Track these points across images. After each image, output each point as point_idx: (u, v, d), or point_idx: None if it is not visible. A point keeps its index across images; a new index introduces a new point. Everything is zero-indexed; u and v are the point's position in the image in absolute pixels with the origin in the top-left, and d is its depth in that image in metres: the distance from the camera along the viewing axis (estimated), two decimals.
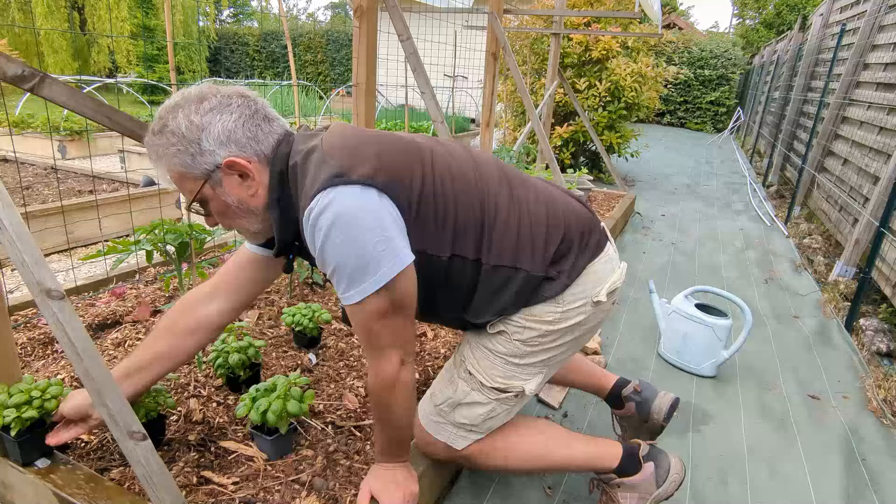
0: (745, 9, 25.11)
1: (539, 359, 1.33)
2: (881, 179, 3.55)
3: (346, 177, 1.04)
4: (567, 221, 1.28)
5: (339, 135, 1.15)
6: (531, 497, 1.65)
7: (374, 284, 1.06)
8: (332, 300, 2.53)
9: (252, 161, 1.11)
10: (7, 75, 1.27)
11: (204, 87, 1.12)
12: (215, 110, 1.08)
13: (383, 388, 1.19)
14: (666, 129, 15.13)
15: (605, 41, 6.07)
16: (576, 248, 1.27)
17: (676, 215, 5.51)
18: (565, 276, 1.25)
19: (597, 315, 1.33)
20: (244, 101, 1.11)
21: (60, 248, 3.54)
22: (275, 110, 1.18)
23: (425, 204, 1.12)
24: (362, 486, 1.34)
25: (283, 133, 1.16)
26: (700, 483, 1.78)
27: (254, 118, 1.11)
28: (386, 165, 1.09)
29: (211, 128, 1.07)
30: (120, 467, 1.43)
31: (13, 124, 7.01)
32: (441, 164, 1.18)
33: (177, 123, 1.07)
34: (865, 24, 4.69)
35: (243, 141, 1.09)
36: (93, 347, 1.19)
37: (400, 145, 1.17)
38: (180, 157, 1.08)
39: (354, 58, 2.51)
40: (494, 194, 1.23)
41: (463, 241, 1.18)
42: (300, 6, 56.42)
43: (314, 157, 1.09)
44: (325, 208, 1.02)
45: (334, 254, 1.05)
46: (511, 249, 1.21)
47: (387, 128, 8.74)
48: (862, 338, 2.92)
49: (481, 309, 1.27)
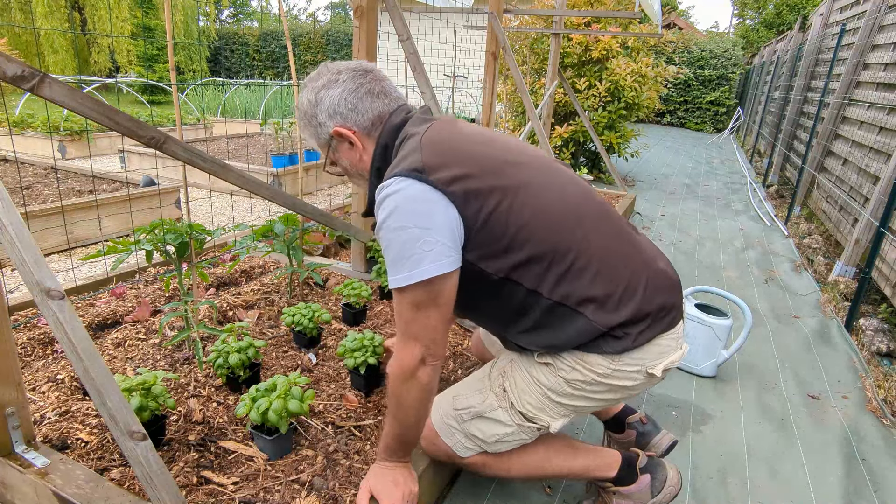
0: (745, 9, 25.10)
1: (575, 403, 1.29)
2: (881, 179, 3.55)
3: (424, 174, 1.09)
4: (652, 291, 1.22)
5: (443, 131, 1.19)
6: (531, 496, 1.65)
7: (412, 278, 1.09)
8: (331, 300, 2.53)
9: (354, 130, 1.23)
10: (7, 75, 1.27)
11: (323, 67, 1.26)
12: (325, 87, 1.22)
13: (399, 377, 1.19)
14: (666, 129, 15.13)
15: (605, 41, 6.07)
16: (650, 319, 1.21)
17: (676, 215, 5.51)
18: (630, 339, 1.19)
19: (645, 385, 1.28)
20: (353, 75, 1.23)
21: (60, 248, 3.54)
22: (392, 86, 1.27)
23: (492, 225, 1.12)
24: (362, 485, 1.34)
25: (391, 109, 1.25)
26: (700, 483, 1.77)
27: (356, 92, 1.22)
28: (467, 179, 1.11)
29: (322, 102, 1.22)
30: (120, 467, 1.43)
31: (13, 124, 7.01)
32: (529, 194, 1.16)
33: (301, 102, 1.26)
34: (865, 24, 4.69)
35: (346, 112, 1.22)
36: (93, 347, 1.19)
37: (494, 164, 1.16)
38: (309, 129, 1.27)
39: (354, 58, 2.51)
40: (581, 238, 1.18)
41: (522, 270, 1.16)
42: (300, 6, 56.41)
43: (411, 141, 1.17)
44: (393, 193, 1.10)
45: (387, 236, 1.11)
46: (580, 296, 1.17)
47: None
48: (862, 338, 2.92)
49: (527, 337, 1.26)
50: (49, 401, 1.69)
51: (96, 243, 3.72)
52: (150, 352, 2.00)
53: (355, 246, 2.81)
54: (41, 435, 1.52)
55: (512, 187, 1.15)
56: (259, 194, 2.11)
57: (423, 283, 1.09)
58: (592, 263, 1.18)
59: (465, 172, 1.11)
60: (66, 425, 1.57)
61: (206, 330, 1.86)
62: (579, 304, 1.17)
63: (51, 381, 1.78)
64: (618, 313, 1.18)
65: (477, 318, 1.37)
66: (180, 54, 16.25)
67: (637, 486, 1.44)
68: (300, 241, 2.50)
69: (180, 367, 1.91)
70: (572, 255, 1.17)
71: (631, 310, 1.18)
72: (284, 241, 2.41)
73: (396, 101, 1.27)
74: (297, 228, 2.46)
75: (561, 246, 1.16)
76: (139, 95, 11.45)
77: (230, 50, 19.89)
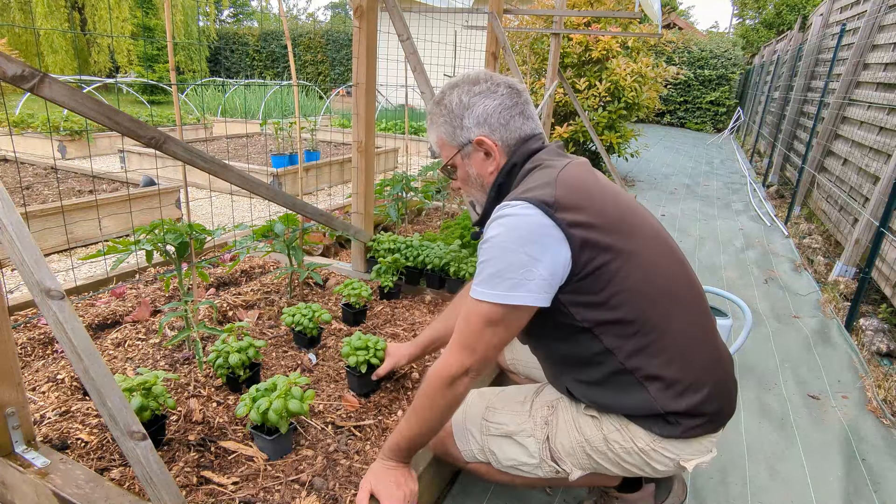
0: (745, 9, 25.10)
1: (603, 463, 1.28)
2: (881, 179, 3.55)
3: (552, 209, 1.09)
4: (716, 394, 1.22)
5: (578, 175, 1.19)
6: (531, 497, 1.65)
7: (504, 299, 1.10)
8: (331, 300, 2.53)
9: (497, 144, 1.25)
10: (7, 75, 1.27)
11: (481, 72, 1.28)
12: (482, 94, 1.24)
13: (440, 380, 1.18)
14: (666, 129, 15.13)
15: (605, 41, 6.07)
16: (705, 419, 1.21)
17: (676, 215, 5.51)
18: (679, 429, 1.19)
19: (671, 472, 1.28)
20: (509, 91, 1.25)
21: (60, 248, 3.54)
22: (535, 111, 1.29)
23: (596, 277, 1.12)
24: (362, 484, 1.33)
25: (532, 133, 1.27)
26: (700, 483, 1.77)
27: (511, 110, 1.24)
28: (589, 228, 1.10)
29: (475, 108, 1.23)
30: (120, 467, 1.43)
31: (13, 124, 7.01)
32: (639, 263, 1.16)
33: (450, 99, 1.26)
34: (865, 24, 4.68)
35: (496, 125, 1.24)
36: (92, 347, 1.19)
37: (616, 222, 1.15)
38: (446, 127, 1.27)
39: (354, 58, 2.51)
40: (671, 321, 1.18)
41: (607, 328, 1.16)
42: (300, 6, 56.42)
43: (546, 171, 1.18)
44: (516, 214, 1.10)
45: (494, 251, 1.11)
46: (650, 372, 1.17)
47: (386, 128, 8.76)
48: (862, 338, 2.92)
49: (583, 388, 1.26)
50: (49, 401, 1.69)
51: (96, 243, 3.72)
52: (150, 352, 2.00)
53: (355, 246, 2.81)
54: (41, 435, 1.52)
55: (626, 251, 1.14)
56: (259, 194, 2.11)
57: (510, 307, 1.10)
58: (672, 347, 1.18)
59: (590, 221, 1.11)
60: (66, 425, 1.57)
61: (206, 330, 1.86)
62: (647, 378, 1.17)
63: (51, 381, 1.78)
64: (678, 402, 1.18)
65: (539, 349, 1.36)
66: (180, 54, 16.25)
67: (641, 494, 1.44)
68: (300, 241, 2.50)
69: (180, 367, 1.91)
70: (657, 334, 1.17)
71: (691, 403, 1.18)
72: (284, 241, 2.41)
73: (537, 126, 1.29)
74: (297, 228, 2.46)
75: (651, 321, 1.16)
76: (139, 95, 11.45)
77: (230, 50, 19.88)
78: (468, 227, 3.06)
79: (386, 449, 1.33)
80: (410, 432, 1.27)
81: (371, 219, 2.83)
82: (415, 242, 2.72)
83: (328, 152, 6.84)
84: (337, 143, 7.71)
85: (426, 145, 8.40)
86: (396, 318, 2.41)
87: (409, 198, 3.77)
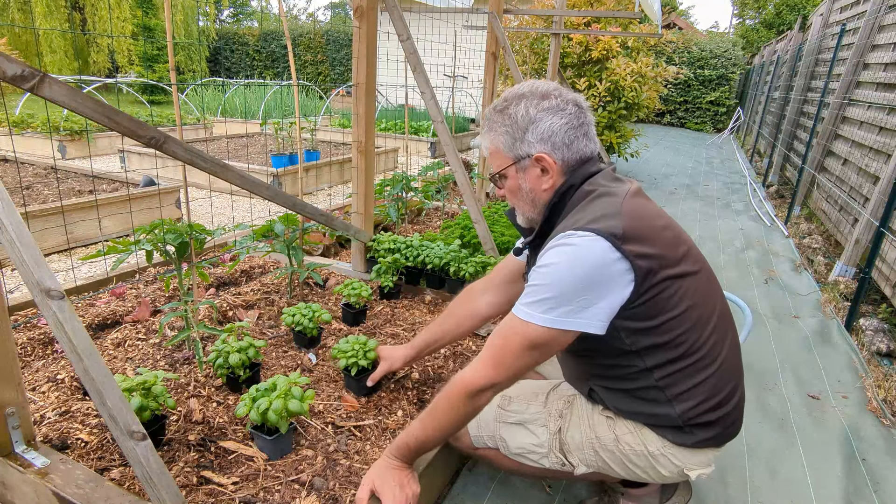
0: (745, 9, 25.09)
1: (610, 462, 1.30)
2: (881, 179, 3.55)
3: (621, 241, 1.07)
4: (733, 411, 1.26)
5: (638, 204, 1.18)
6: (532, 496, 1.65)
7: (549, 322, 1.09)
8: (331, 300, 2.53)
9: (557, 163, 1.22)
10: (7, 75, 1.27)
11: (551, 86, 1.25)
12: (550, 111, 1.21)
13: (464, 389, 1.19)
14: (666, 129, 15.13)
15: (605, 41, 6.07)
16: (715, 431, 1.24)
17: (676, 215, 5.51)
18: (691, 438, 1.23)
19: (674, 479, 1.31)
20: (577, 110, 1.23)
21: (60, 248, 3.54)
22: (594, 130, 1.27)
23: (651, 305, 1.13)
24: (364, 481, 1.32)
25: (591, 154, 1.26)
26: (700, 483, 1.77)
27: (577, 130, 1.22)
28: (653, 259, 1.11)
29: (540, 123, 1.20)
30: (120, 467, 1.43)
31: (13, 124, 7.01)
32: (694, 288, 1.18)
33: (516, 110, 1.22)
34: (865, 24, 4.69)
35: (559, 144, 1.21)
36: (92, 347, 1.19)
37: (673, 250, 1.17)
38: (505, 137, 1.24)
39: (354, 58, 2.51)
40: (713, 345, 1.21)
41: (653, 351, 1.18)
42: (300, 6, 56.41)
43: (607, 200, 1.16)
44: (583, 244, 1.08)
45: (555, 274, 1.09)
46: (681, 390, 1.20)
47: (386, 128, 8.76)
48: (862, 338, 2.92)
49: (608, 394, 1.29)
50: (49, 401, 1.69)
51: (96, 243, 3.72)
52: (150, 352, 2.00)
53: (355, 246, 2.80)
54: (41, 435, 1.52)
55: (679, 279, 1.15)
56: (259, 194, 2.11)
57: (561, 331, 1.10)
58: (711, 369, 1.20)
59: (654, 253, 1.11)
60: (66, 425, 1.57)
61: (206, 330, 1.86)
62: (677, 397, 1.20)
63: (51, 381, 1.78)
64: (700, 417, 1.21)
65: (573, 359, 1.37)
66: (180, 54, 16.24)
67: (647, 490, 1.45)
68: (300, 241, 2.50)
69: (180, 367, 1.91)
70: (702, 354, 1.18)
71: (711, 419, 1.21)
72: (284, 241, 2.41)
73: (597, 147, 1.28)
74: (297, 228, 2.46)
75: (696, 345, 1.18)
76: (139, 95, 11.44)
77: (230, 50, 19.87)
78: (468, 226, 3.05)
79: (393, 447, 1.33)
80: (423, 434, 1.28)
81: (371, 219, 2.83)
82: (415, 242, 2.72)
83: (328, 152, 6.84)
84: (337, 143, 7.71)
85: (426, 145, 8.39)
86: (396, 318, 2.41)
87: (409, 198, 3.77)
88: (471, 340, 2.27)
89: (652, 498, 1.45)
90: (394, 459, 1.33)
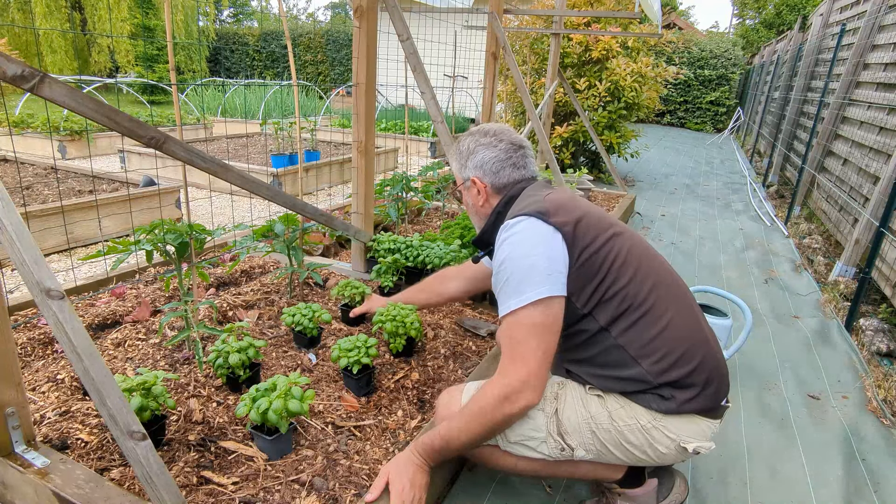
0: (745, 9, 25.10)
1: (608, 444, 1.34)
2: (881, 179, 3.55)
3: (545, 217, 1.32)
4: (704, 367, 1.32)
5: (562, 194, 1.45)
6: (531, 495, 1.65)
7: (527, 299, 1.25)
8: (331, 300, 2.53)
9: (486, 186, 1.53)
10: (7, 75, 1.27)
11: (494, 128, 1.56)
12: (485, 147, 1.52)
13: (500, 394, 1.25)
14: (666, 129, 15.13)
15: (605, 41, 6.07)
16: (696, 390, 1.30)
17: (676, 215, 5.51)
18: (675, 403, 1.30)
19: (674, 456, 1.35)
20: (508, 147, 1.51)
21: (60, 248, 3.54)
22: (533, 161, 1.57)
23: (591, 263, 1.31)
24: (383, 470, 1.36)
25: (523, 178, 1.53)
26: (700, 483, 1.78)
27: (504, 162, 1.51)
28: (576, 224, 1.33)
29: (475, 155, 1.53)
30: (120, 467, 1.43)
31: (13, 124, 7.01)
32: (626, 243, 1.36)
33: (464, 143, 1.56)
34: (865, 24, 4.68)
35: (488, 171, 1.52)
36: (92, 347, 1.19)
37: (599, 220, 1.38)
38: (457, 162, 1.59)
39: (354, 58, 2.51)
40: (661, 296, 1.33)
41: (604, 306, 1.32)
42: (300, 6, 56.41)
43: (534, 196, 1.42)
44: (520, 230, 1.32)
45: (511, 266, 1.30)
46: (640, 344, 1.30)
47: (386, 128, 8.76)
48: (862, 338, 2.92)
49: (579, 366, 1.40)
50: (49, 401, 1.69)
51: (96, 243, 3.72)
52: (150, 352, 2.00)
53: (355, 246, 2.81)
54: (41, 435, 1.52)
55: (613, 234, 1.36)
56: (259, 194, 2.11)
57: (542, 302, 1.25)
58: (662, 321, 1.31)
59: (576, 218, 1.33)
60: (66, 425, 1.57)
61: (206, 330, 1.86)
62: (639, 355, 1.30)
63: (51, 381, 1.78)
64: (669, 373, 1.29)
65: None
66: (180, 54, 16.24)
67: (643, 490, 1.45)
68: (300, 241, 2.50)
69: (180, 367, 1.91)
70: (647, 306, 1.31)
71: (681, 374, 1.30)
72: (284, 241, 2.41)
73: (530, 173, 1.55)
74: (297, 228, 2.46)
75: (642, 292, 1.32)
76: (139, 95, 11.44)
77: (230, 50, 19.87)
78: (468, 226, 3.06)
79: (420, 443, 1.37)
80: (449, 435, 1.32)
81: (371, 219, 2.83)
82: (415, 242, 2.72)
83: (328, 152, 6.84)
84: (337, 143, 7.71)
85: (426, 145, 8.41)
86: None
87: (408, 198, 3.77)
88: (471, 341, 2.27)
89: (649, 498, 1.45)
90: (416, 456, 1.36)
